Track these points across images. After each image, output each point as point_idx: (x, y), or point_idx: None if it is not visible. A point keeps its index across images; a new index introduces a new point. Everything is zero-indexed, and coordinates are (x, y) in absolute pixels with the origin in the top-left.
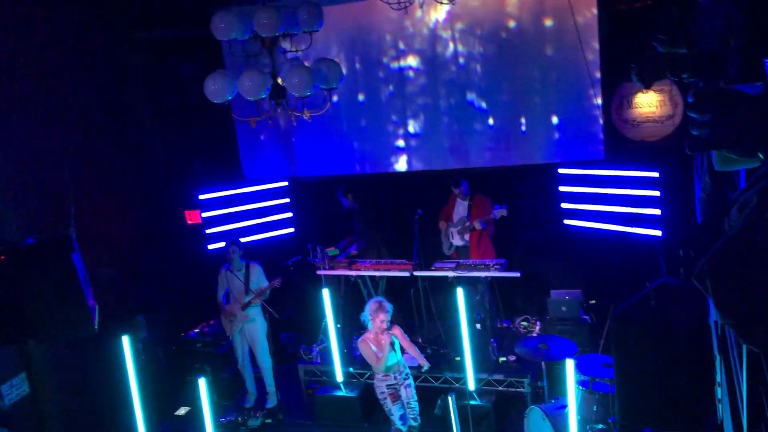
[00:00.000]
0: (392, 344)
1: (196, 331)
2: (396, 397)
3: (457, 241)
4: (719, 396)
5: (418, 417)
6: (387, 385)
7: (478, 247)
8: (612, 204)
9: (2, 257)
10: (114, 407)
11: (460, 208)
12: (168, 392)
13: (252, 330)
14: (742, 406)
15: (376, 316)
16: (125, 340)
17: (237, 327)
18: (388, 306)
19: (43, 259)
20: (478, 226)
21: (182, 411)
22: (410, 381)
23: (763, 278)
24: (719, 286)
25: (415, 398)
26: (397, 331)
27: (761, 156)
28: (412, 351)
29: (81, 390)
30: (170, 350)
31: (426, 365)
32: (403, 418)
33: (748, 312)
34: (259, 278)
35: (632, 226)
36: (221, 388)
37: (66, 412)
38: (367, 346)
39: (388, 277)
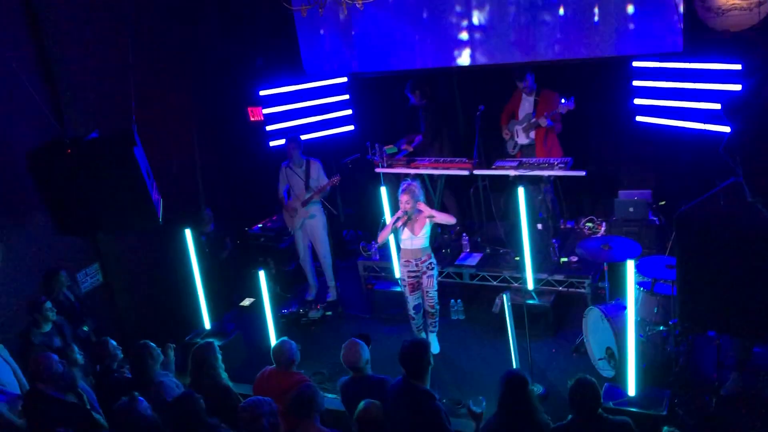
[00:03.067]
0: (409, 228)
1: (259, 226)
2: (414, 287)
3: (522, 140)
4: None
5: (436, 305)
6: (408, 271)
7: (544, 146)
8: (689, 100)
9: (68, 150)
10: (181, 297)
11: (526, 104)
12: (235, 284)
13: (313, 226)
14: None
15: (401, 197)
16: (188, 233)
17: (298, 222)
18: (415, 189)
19: (106, 154)
20: (543, 123)
21: (247, 302)
22: (433, 272)
23: None
24: (749, 158)
25: (435, 288)
26: (423, 208)
27: None
28: (441, 216)
29: (150, 280)
30: (235, 244)
31: (453, 220)
32: (416, 308)
33: None
34: (319, 175)
35: (709, 123)
36: (284, 281)
37: (137, 301)
38: (392, 218)
39: (448, 176)
